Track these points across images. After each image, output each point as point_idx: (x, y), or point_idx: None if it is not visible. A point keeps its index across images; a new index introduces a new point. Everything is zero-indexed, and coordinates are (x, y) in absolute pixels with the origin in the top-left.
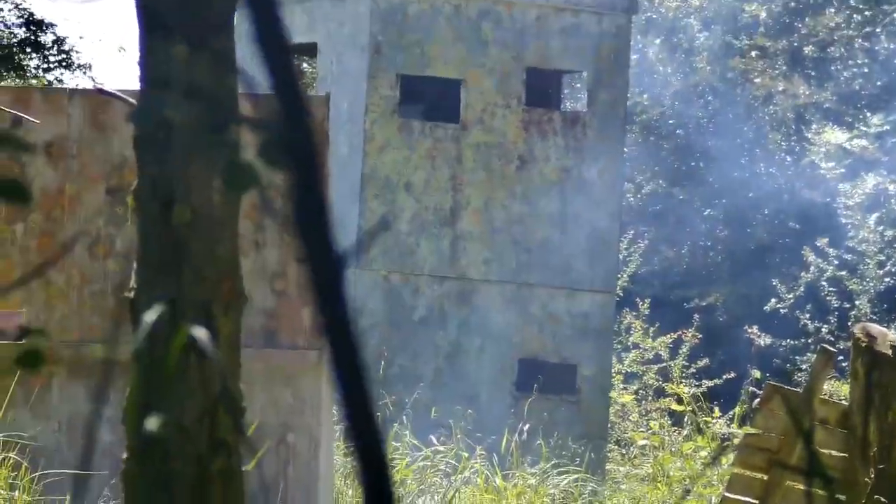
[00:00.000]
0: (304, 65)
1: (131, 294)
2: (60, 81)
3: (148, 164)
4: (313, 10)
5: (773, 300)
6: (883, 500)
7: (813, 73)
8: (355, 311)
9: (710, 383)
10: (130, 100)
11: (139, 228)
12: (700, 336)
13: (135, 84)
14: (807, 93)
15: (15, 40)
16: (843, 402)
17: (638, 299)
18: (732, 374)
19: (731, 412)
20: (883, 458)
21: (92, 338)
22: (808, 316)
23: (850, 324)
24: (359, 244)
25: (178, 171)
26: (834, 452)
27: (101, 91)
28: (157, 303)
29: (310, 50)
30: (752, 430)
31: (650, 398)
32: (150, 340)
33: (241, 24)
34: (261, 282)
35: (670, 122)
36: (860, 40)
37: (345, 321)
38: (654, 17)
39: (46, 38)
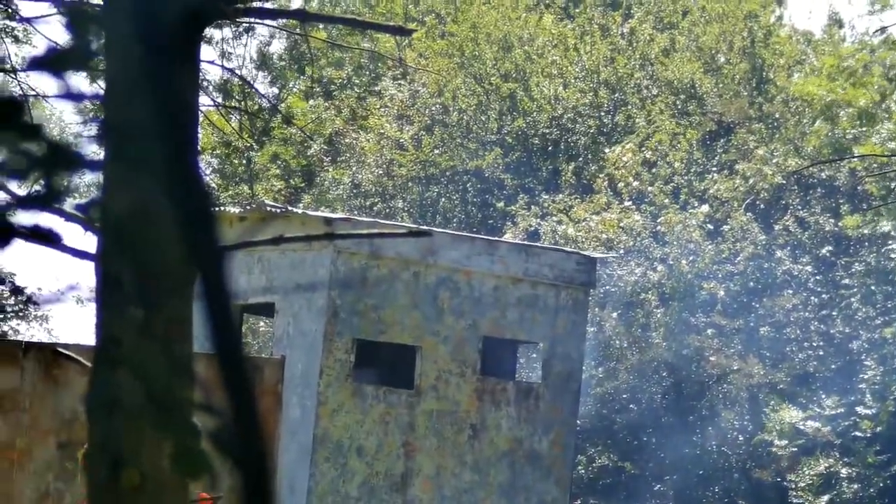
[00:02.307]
0: (262, 324)
1: None
2: (16, 332)
3: (99, 427)
4: (272, 270)
5: None
6: None
7: (768, 354)
8: None
9: None
10: (85, 362)
11: (88, 490)
12: None
13: (91, 338)
14: (761, 372)
15: None
16: None
17: None
18: None
19: None
20: None
21: None
22: None
23: None
24: None
25: (127, 436)
26: None
27: (56, 352)
28: None
29: (267, 310)
30: None
31: None
32: None
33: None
34: None
35: (624, 395)
36: (816, 323)
37: None
38: (613, 290)
39: (3, 288)
